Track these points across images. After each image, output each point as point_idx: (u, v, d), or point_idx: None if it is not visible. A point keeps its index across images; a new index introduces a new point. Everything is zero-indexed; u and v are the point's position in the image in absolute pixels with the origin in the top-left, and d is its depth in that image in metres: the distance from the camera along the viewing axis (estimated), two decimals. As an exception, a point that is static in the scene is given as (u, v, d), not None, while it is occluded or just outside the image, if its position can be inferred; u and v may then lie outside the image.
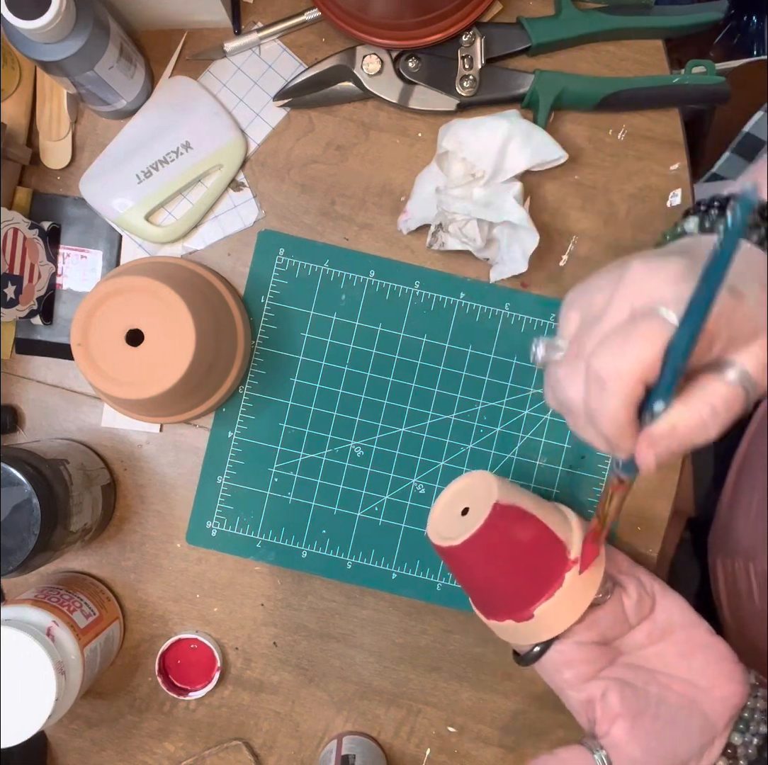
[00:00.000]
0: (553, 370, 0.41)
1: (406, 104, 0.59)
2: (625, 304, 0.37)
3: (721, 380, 0.36)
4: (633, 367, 0.35)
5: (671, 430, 0.36)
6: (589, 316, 0.39)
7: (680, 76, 0.58)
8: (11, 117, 0.59)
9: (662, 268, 0.36)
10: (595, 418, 0.37)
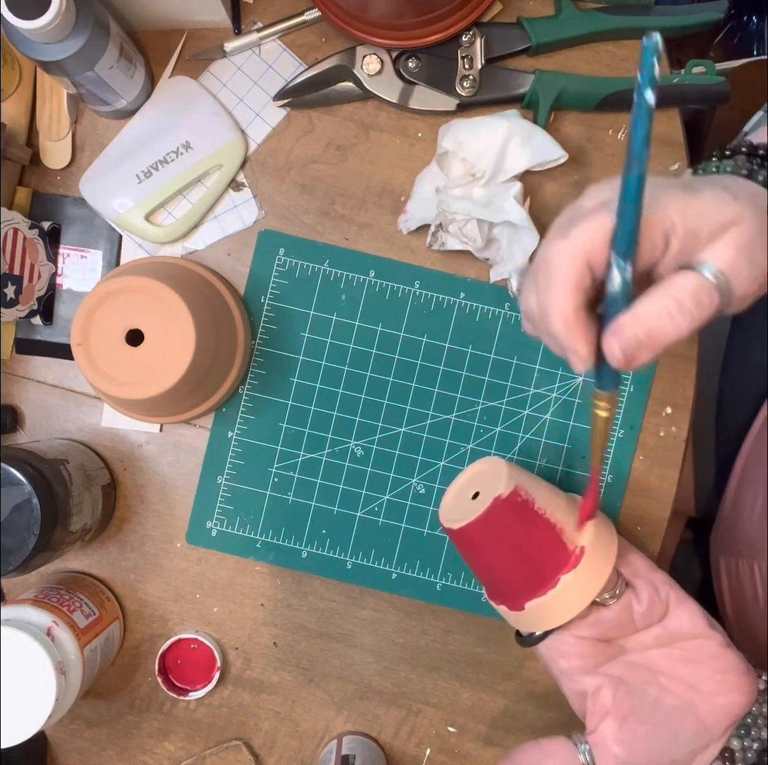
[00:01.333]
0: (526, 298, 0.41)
1: (406, 104, 0.59)
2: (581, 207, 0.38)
3: (684, 274, 0.36)
4: (575, 246, 0.35)
5: (634, 318, 0.36)
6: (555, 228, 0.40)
7: (680, 76, 0.58)
8: (11, 117, 0.59)
9: (613, 178, 0.38)
10: (546, 313, 0.37)
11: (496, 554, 0.49)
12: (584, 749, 0.47)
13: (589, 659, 0.48)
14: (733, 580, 0.64)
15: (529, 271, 0.40)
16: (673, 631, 0.49)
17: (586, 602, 0.47)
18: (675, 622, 0.50)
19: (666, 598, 0.50)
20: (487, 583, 0.52)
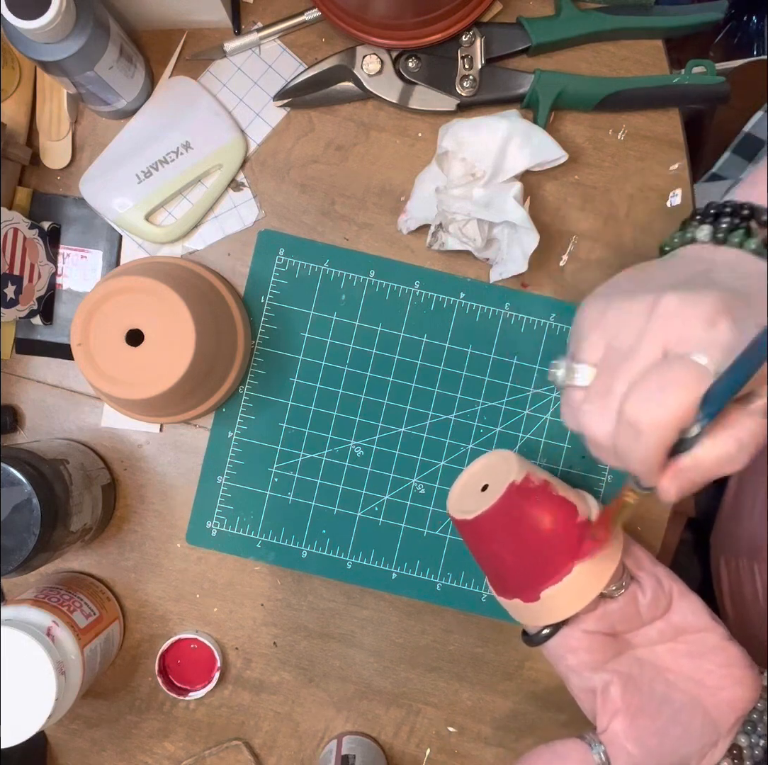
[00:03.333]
0: (575, 397, 0.40)
1: (406, 104, 0.59)
2: (658, 341, 0.36)
3: (747, 414, 0.36)
4: (669, 417, 0.34)
5: (697, 464, 0.36)
6: (616, 347, 0.38)
7: (680, 76, 0.58)
8: (11, 117, 0.59)
9: (698, 305, 0.35)
10: (625, 459, 0.37)
11: (511, 542, 0.48)
12: (599, 750, 0.47)
13: (597, 655, 0.48)
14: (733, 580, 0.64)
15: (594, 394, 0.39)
16: (677, 625, 0.50)
17: (598, 589, 0.48)
18: (678, 615, 0.50)
19: (669, 591, 0.50)
20: (499, 575, 0.51)
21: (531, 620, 0.50)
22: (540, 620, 0.49)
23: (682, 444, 0.36)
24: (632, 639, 0.50)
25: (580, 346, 0.40)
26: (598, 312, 0.40)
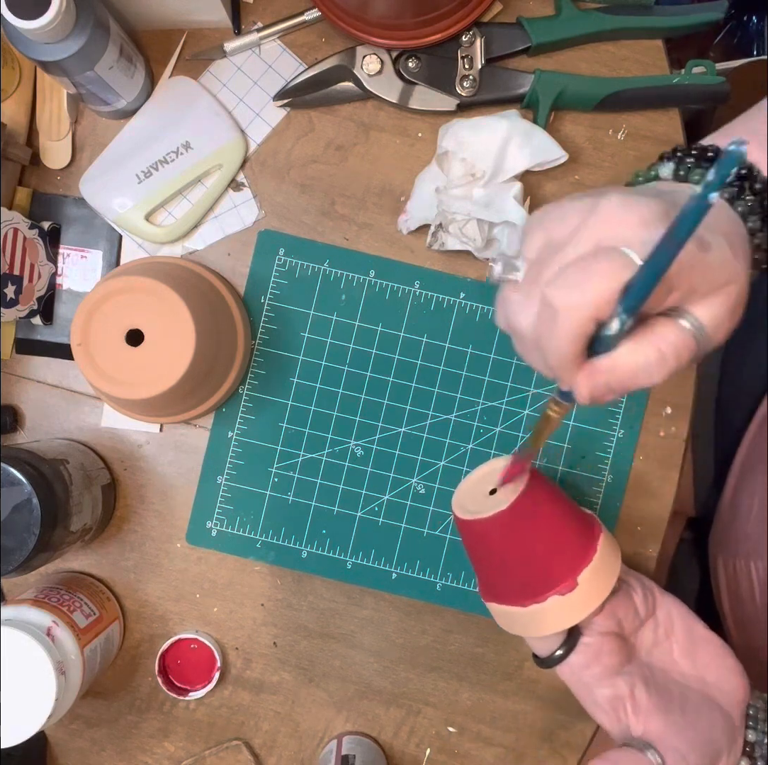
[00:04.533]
0: (508, 291, 0.39)
1: (406, 104, 0.59)
2: (592, 237, 0.36)
3: (673, 327, 0.35)
4: (587, 301, 0.34)
5: (612, 366, 0.36)
6: (552, 242, 0.38)
7: (680, 76, 0.58)
8: (11, 117, 0.59)
9: (636, 208, 0.35)
10: (543, 348, 0.37)
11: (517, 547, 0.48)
12: (651, 751, 0.46)
13: (615, 657, 0.48)
14: (731, 580, 0.64)
15: (523, 283, 0.39)
16: (665, 621, 0.50)
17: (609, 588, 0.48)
18: (663, 609, 0.51)
19: (651, 589, 0.51)
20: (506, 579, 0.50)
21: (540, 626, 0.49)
22: (544, 627, 0.48)
23: (601, 344, 0.36)
24: (635, 643, 0.50)
25: (522, 244, 0.40)
26: (543, 213, 0.39)
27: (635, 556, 0.61)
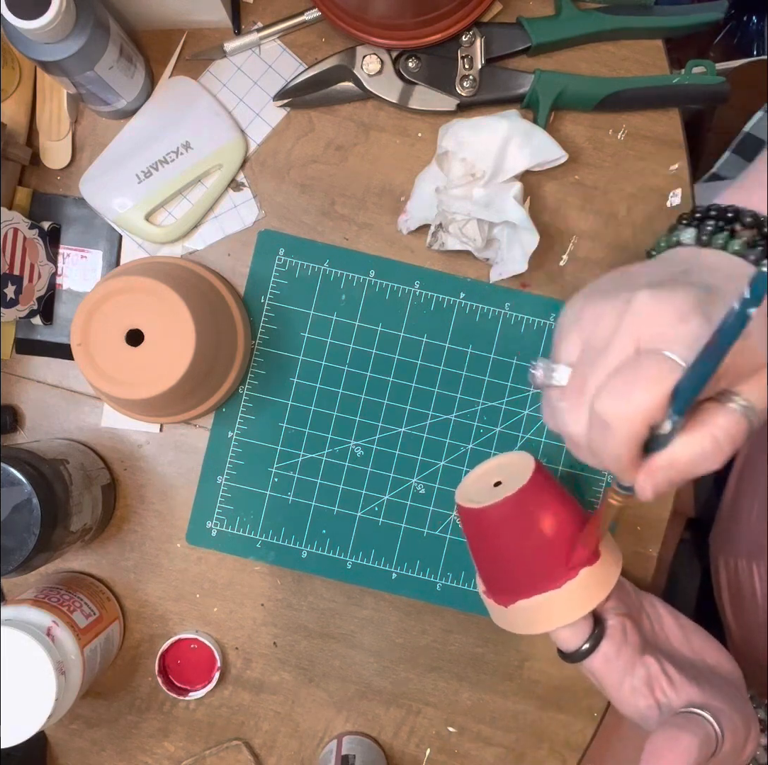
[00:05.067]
0: (553, 396, 0.40)
1: (406, 104, 0.59)
2: (631, 338, 0.36)
3: (724, 412, 0.36)
4: (638, 412, 0.34)
5: (671, 462, 0.36)
6: (591, 346, 0.38)
7: (680, 76, 0.58)
8: (11, 117, 0.59)
9: (670, 302, 0.35)
10: (598, 454, 0.37)
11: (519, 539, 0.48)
12: (708, 715, 0.45)
13: (638, 635, 0.48)
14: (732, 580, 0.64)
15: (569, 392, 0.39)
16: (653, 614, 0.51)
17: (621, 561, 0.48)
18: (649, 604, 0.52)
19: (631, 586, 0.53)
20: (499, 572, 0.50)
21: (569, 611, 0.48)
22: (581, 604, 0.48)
23: (656, 442, 0.36)
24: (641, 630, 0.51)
25: (558, 347, 0.40)
26: (575, 313, 0.40)
27: (635, 556, 0.60)
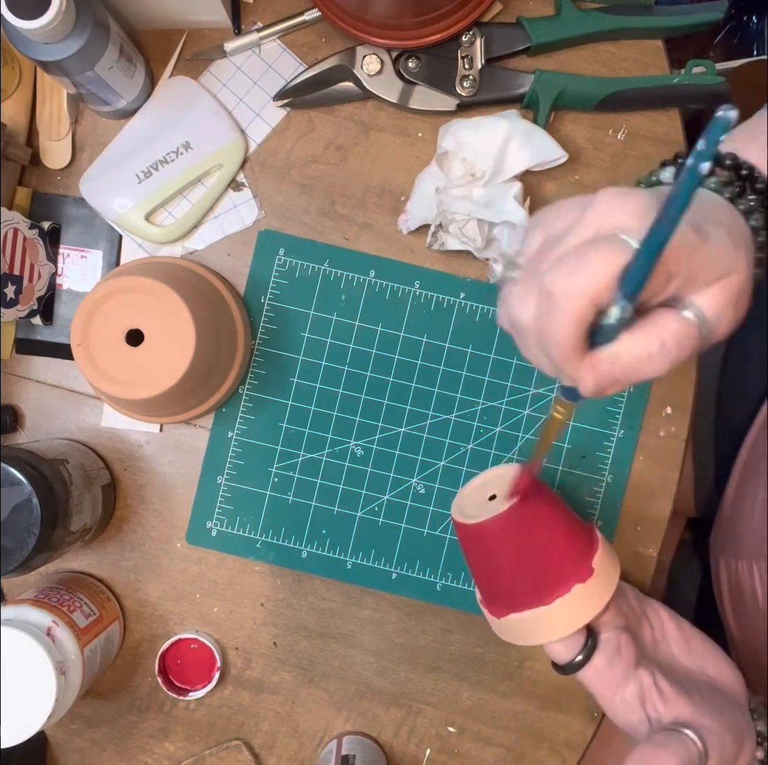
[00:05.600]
0: (509, 288, 0.39)
1: (406, 104, 0.59)
2: (590, 227, 0.36)
3: (674, 317, 0.35)
4: (586, 286, 0.34)
5: (615, 356, 0.35)
6: (551, 237, 0.38)
7: (680, 76, 0.58)
8: (11, 117, 0.59)
9: (631, 199, 0.35)
10: (544, 340, 0.36)
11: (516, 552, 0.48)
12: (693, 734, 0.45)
13: (633, 649, 0.48)
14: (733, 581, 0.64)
15: (523, 277, 0.39)
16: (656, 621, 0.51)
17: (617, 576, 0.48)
18: (652, 611, 0.51)
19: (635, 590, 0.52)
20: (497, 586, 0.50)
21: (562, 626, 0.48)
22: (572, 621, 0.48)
23: (602, 334, 0.35)
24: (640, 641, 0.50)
25: (522, 243, 0.40)
26: (542, 213, 0.40)
27: (635, 556, 0.61)
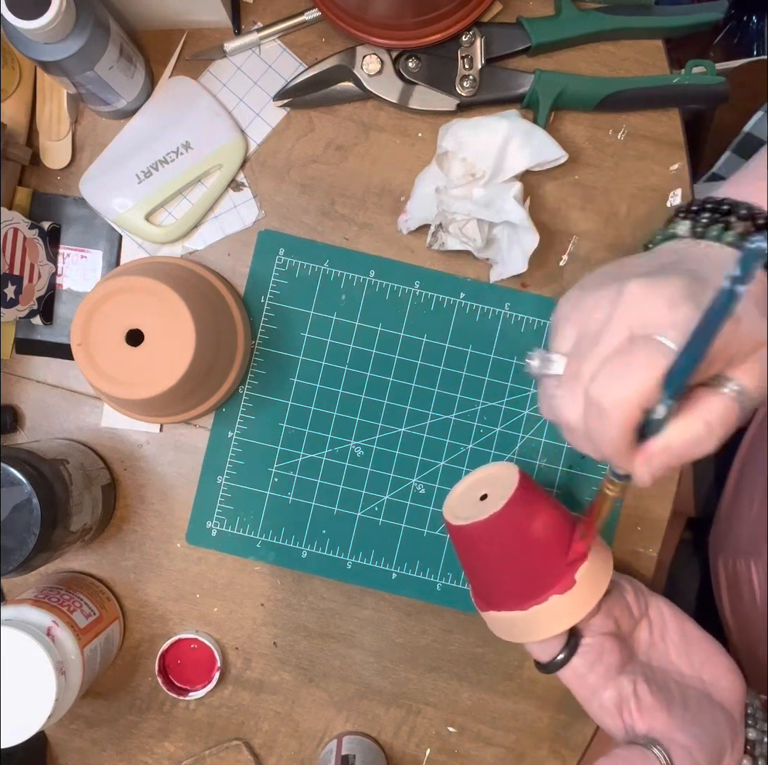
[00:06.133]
0: (549, 385, 0.41)
1: (406, 104, 0.59)
2: (623, 326, 0.37)
3: (717, 396, 0.37)
4: (632, 395, 0.35)
5: (666, 447, 0.37)
6: (585, 335, 0.39)
7: (680, 76, 0.58)
8: (11, 117, 0.59)
9: (660, 290, 0.36)
10: (594, 440, 0.38)
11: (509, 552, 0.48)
12: (658, 749, 0.45)
13: (617, 656, 0.48)
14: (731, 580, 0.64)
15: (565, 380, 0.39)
16: (658, 620, 0.51)
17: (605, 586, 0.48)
18: (655, 611, 0.51)
19: (641, 589, 0.52)
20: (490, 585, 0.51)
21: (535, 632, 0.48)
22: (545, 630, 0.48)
23: (650, 427, 0.37)
24: (632, 644, 0.50)
25: (553, 337, 0.41)
26: (570, 304, 0.41)
27: (635, 556, 0.61)
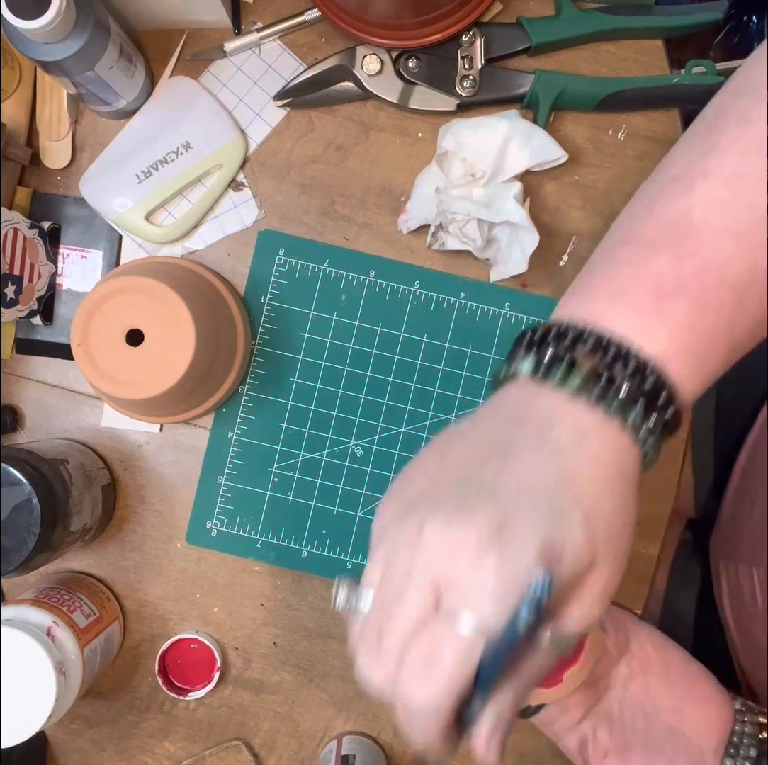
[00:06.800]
0: (355, 624, 0.36)
1: (406, 104, 0.59)
2: (426, 579, 0.33)
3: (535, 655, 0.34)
4: (439, 698, 0.33)
5: (495, 725, 0.35)
6: (390, 580, 0.34)
7: (680, 76, 0.58)
8: (11, 117, 0.59)
9: (463, 534, 0.32)
10: (410, 732, 0.36)
11: None
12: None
13: (581, 709, 0.49)
14: (733, 585, 0.64)
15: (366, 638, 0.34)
16: (639, 654, 0.51)
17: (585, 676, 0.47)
18: (637, 644, 0.51)
19: (624, 623, 0.51)
20: None
21: None
22: None
23: (469, 713, 0.34)
24: (608, 681, 0.51)
25: (368, 561, 0.36)
26: (381, 524, 0.36)
27: (635, 556, 0.60)
